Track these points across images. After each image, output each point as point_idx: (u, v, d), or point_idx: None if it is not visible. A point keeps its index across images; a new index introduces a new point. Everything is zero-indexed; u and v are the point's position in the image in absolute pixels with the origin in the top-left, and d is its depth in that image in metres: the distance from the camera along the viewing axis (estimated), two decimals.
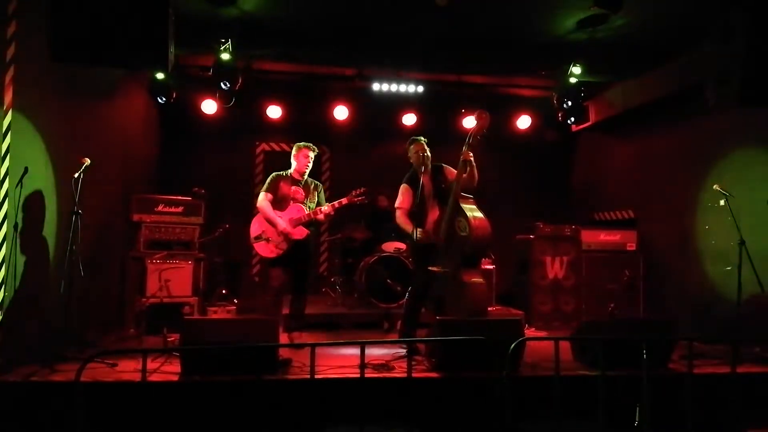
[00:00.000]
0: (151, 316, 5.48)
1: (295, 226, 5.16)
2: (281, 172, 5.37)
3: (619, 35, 5.67)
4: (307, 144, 5.32)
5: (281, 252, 5.15)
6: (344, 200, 5.21)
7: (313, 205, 5.27)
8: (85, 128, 5.14)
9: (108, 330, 5.53)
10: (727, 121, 5.60)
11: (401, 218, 4.99)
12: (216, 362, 3.88)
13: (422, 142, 5.08)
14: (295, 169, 5.31)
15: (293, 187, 5.27)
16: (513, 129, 8.29)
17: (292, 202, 5.24)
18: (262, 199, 5.22)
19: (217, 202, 6.65)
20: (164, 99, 6.68)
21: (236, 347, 3.88)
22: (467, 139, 4.78)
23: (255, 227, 5.28)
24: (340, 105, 7.72)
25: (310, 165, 5.31)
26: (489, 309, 5.81)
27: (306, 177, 5.36)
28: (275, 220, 5.14)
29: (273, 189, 5.26)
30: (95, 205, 5.11)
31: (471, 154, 4.75)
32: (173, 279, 5.72)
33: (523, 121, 8.24)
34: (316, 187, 5.40)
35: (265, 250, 5.21)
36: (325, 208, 5.20)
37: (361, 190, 5.21)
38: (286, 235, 5.14)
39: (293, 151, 5.35)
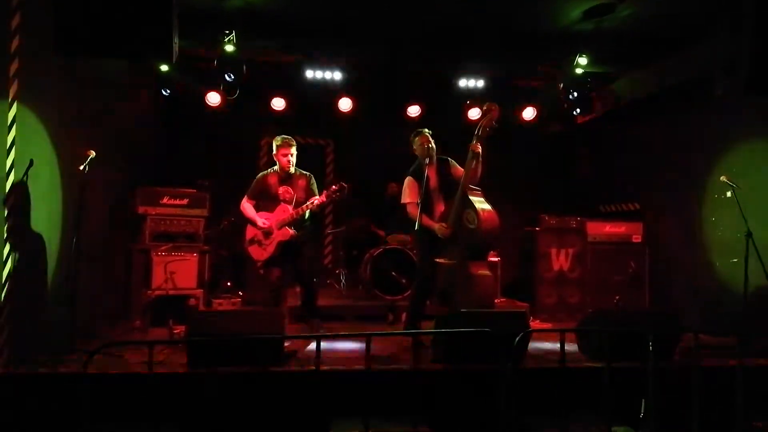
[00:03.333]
0: (157, 308, 5.52)
1: (279, 228, 5.16)
2: (266, 171, 5.36)
3: (626, 25, 5.62)
4: (284, 139, 5.21)
5: (269, 254, 5.19)
6: (323, 197, 5.09)
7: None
8: (90, 120, 5.14)
9: (114, 322, 5.56)
10: (735, 111, 5.55)
11: (413, 212, 4.93)
12: (222, 354, 3.89)
13: (427, 133, 5.05)
14: (279, 167, 5.28)
15: (281, 187, 5.24)
16: (518, 120, 8.23)
17: (281, 203, 5.21)
18: (243, 202, 5.28)
19: (221, 194, 6.65)
20: (168, 91, 6.68)
21: (242, 339, 3.89)
22: (476, 131, 4.75)
23: (248, 232, 5.33)
24: (344, 96, 7.68)
25: (293, 160, 5.22)
26: (495, 301, 5.81)
27: (293, 170, 5.28)
28: (256, 219, 5.20)
29: (256, 191, 5.28)
30: (100, 198, 5.12)
31: (479, 146, 4.72)
32: (178, 271, 5.75)
33: (528, 112, 8.17)
34: (303, 177, 5.31)
35: (256, 252, 5.27)
36: (303, 207, 5.12)
37: (337, 186, 5.06)
38: (267, 232, 5.16)
39: (273, 150, 5.27)
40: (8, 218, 3.92)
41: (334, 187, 5.08)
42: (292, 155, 5.21)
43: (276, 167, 5.32)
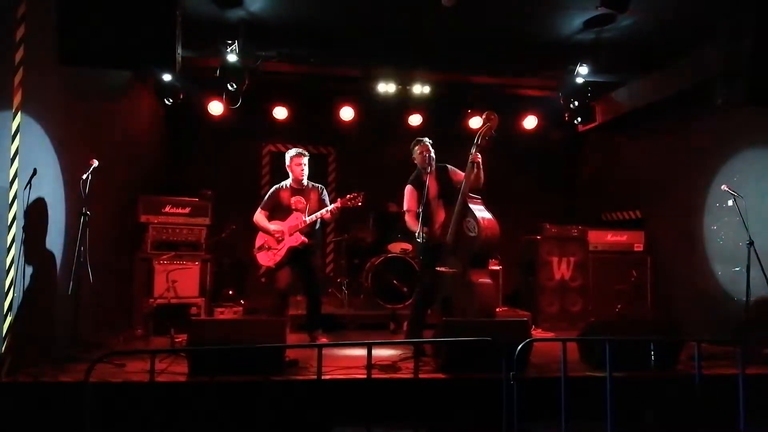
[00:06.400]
0: (159, 316, 5.52)
1: (291, 234, 5.24)
2: (280, 184, 5.47)
3: (626, 35, 5.65)
4: (298, 151, 5.38)
5: (279, 259, 5.25)
6: (338, 204, 5.15)
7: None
8: (93, 130, 5.17)
9: (116, 331, 5.56)
10: (735, 120, 5.56)
11: (410, 221, 4.97)
12: (223, 363, 3.89)
13: (427, 143, 5.07)
14: (292, 179, 5.38)
15: (294, 198, 5.34)
16: (519, 129, 8.27)
17: (294, 211, 5.31)
18: (256, 214, 5.37)
19: (223, 203, 6.66)
20: (171, 100, 6.71)
21: (243, 348, 3.89)
22: (476, 140, 4.78)
23: (258, 239, 5.40)
24: (346, 106, 7.72)
25: (306, 170, 5.35)
26: (496, 310, 5.80)
27: (306, 182, 5.41)
28: (268, 228, 5.29)
29: (269, 204, 5.38)
30: (103, 207, 5.13)
31: (479, 156, 4.75)
32: (180, 280, 5.76)
33: (530, 122, 8.21)
34: (315, 189, 5.42)
35: (265, 258, 5.33)
36: (317, 214, 5.20)
37: (355, 194, 5.14)
38: (279, 238, 5.22)
39: (286, 161, 5.40)
40: (11, 228, 3.93)
41: (351, 194, 5.16)
42: (305, 165, 5.33)
43: (288, 181, 5.42)
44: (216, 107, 7.46)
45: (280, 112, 7.82)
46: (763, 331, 4.88)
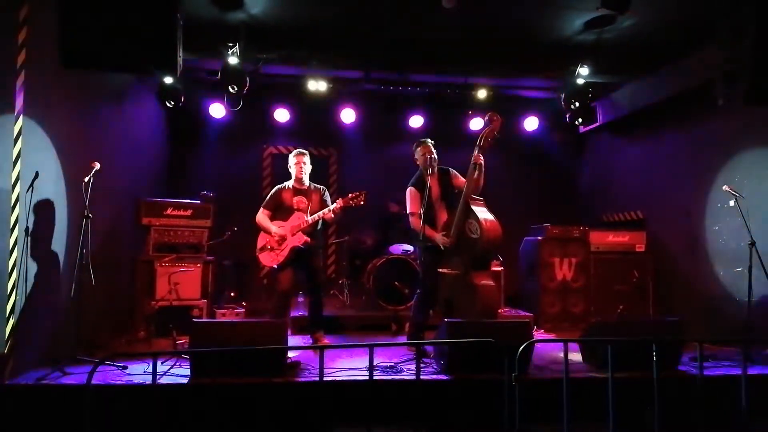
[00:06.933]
0: (161, 318, 5.53)
1: (294, 233, 5.26)
2: (282, 185, 5.51)
3: (627, 36, 5.66)
4: (298, 150, 5.47)
5: (282, 260, 5.27)
6: (340, 203, 5.16)
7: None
8: (95, 133, 5.18)
9: (118, 333, 5.57)
10: (736, 120, 5.56)
11: (415, 223, 4.98)
12: (225, 365, 3.90)
13: (429, 144, 5.08)
14: (294, 179, 5.43)
15: (296, 198, 5.38)
16: (520, 130, 8.28)
17: (295, 211, 5.34)
18: (259, 214, 5.42)
19: (225, 205, 6.67)
20: (172, 103, 6.72)
21: (245, 350, 3.89)
22: (478, 142, 4.78)
23: (260, 240, 5.42)
24: (347, 107, 7.73)
25: (305, 169, 5.40)
26: (498, 311, 5.80)
27: (307, 183, 5.45)
28: (269, 228, 5.32)
29: (271, 203, 5.43)
30: (105, 209, 5.15)
31: (482, 157, 4.75)
32: (182, 282, 5.76)
33: (531, 123, 8.22)
34: (317, 191, 5.46)
35: (267, 259, 5.35)
36: (319, 214, 5.21)
37: (356, 193, 5.15)
38: (281, 239, 5.24)
39: (289, 162, 5.48)
40: (13, 230, 3.94)
41: (352, 194, 5.17)
42: (305, 164, 5.40)
43: (290, 181, 5.46)
44: (217, 110, 7.48)
45: (281, 114, 7.84)
46: (765, 332, 4.87)
